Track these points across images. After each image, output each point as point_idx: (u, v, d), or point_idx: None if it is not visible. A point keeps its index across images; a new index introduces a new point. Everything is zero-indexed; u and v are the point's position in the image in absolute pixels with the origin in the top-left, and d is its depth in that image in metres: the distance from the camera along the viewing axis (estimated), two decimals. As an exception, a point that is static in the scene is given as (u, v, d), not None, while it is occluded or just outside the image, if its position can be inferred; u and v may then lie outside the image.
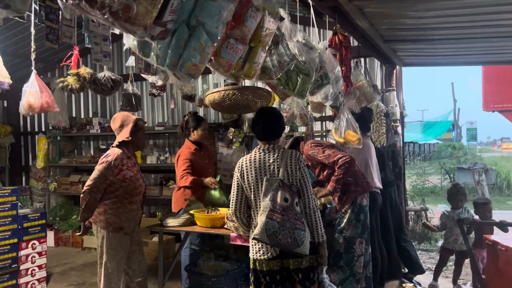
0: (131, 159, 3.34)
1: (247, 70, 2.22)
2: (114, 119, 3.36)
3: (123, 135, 3.25)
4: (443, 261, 4.66)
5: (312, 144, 3.74)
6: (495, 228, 4.09)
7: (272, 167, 2.65)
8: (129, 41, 1.88)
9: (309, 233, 2.58)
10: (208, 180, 4.03)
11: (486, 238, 3.52)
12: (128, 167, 3.25)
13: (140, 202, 3.40)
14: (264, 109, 2.90)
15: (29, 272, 4.29)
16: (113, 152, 3.20)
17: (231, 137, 5.58)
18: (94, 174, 3.14)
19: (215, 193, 3.96)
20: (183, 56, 1.81)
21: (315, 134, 5.39)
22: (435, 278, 4.60)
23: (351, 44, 3.47)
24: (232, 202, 2.76)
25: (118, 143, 3.25)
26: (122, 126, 3.28)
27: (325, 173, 3.69)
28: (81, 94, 6.85)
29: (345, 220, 3.60)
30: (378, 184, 4.14)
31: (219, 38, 1.86)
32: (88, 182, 3.12)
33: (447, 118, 20.37)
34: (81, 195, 3.13)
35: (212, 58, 1.99)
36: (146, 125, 6.48)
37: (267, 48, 2.28)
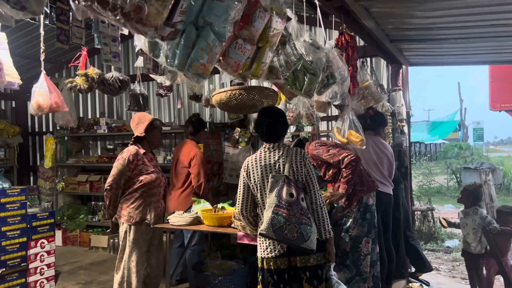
0: (147, 155, 3.59)
1: (254, 70, 2.23)
2: (133, 118, 3.70)
3: (137, 132, 3.55)
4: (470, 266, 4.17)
5: (317, 144, 3.75)
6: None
7: (277, 165, 2.66)
8: (141, 42, 1.90)
9: (316, 229, 2.58)
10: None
11: None
12: (144, 162, 3.50)
13: (159, 194, 3.60)
14: (267, 110, 2.88)
15: (38, 270, 4.34)
16: (128, 149, 3.51)
17: (237, 137, 5.58)
18: (113, 171, 3.44)
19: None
20: (191, 56, 1.83)
21: (321, 134, 5.39)
22: None
23: (357, 44, 3.47)
24: (239, 201, 2.78)
25: (133, 140, 3.55)
26: (138, 124, 3.59)
27: (330, 172, 3.70)
28: (89, 94, 6.90)
29: (351, 220, 3.60)
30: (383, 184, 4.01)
31: (226, 37, 1.88)
32: (108, 180, 3.42)
33: (454, 118, 20.23)
34: (104, 193, 3.45)
35: (221, 58, 2.01)
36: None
37: (274, 48, 2.30)
